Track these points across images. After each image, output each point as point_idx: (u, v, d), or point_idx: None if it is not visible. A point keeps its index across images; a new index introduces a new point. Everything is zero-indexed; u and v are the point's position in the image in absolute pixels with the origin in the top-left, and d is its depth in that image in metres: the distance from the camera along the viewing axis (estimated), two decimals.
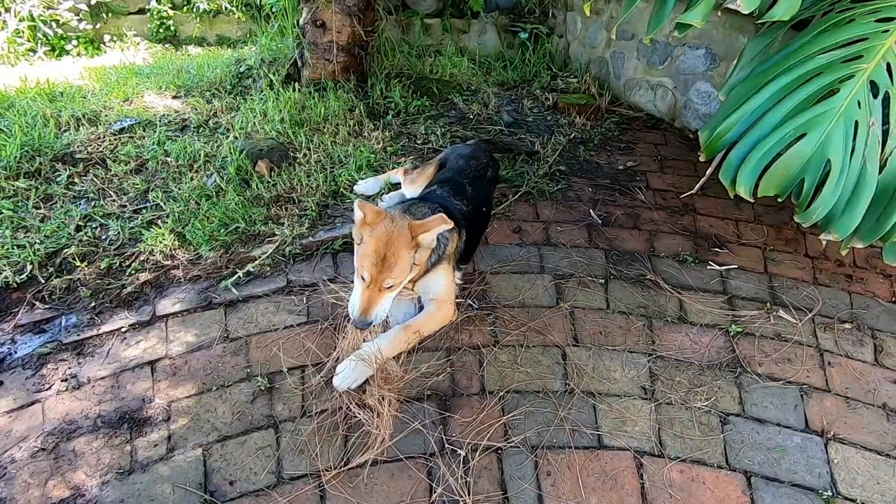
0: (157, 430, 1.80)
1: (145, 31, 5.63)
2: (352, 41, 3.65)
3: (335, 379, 1.86)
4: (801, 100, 1.52)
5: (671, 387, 1.92)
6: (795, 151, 1.50)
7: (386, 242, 1.79)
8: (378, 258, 1.77)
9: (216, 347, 2.06)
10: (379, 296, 1.80)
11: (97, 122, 3.19)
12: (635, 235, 2.66)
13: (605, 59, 4.34)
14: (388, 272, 1.77)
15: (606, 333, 2.13)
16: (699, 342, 2.09)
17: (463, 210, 2.29)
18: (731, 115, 1.61)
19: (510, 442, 1.74)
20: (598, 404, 1.86)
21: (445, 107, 3.83)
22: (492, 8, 5.56)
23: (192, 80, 3.82)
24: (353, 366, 1.87)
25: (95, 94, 3.52)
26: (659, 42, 3.75)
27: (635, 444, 1.73)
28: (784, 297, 2.29)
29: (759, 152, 1.55)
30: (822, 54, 1.54)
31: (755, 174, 1.56)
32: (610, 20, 4.24)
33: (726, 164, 1.64)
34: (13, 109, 3.15)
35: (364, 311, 1.79)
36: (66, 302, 2.26)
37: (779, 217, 2.80)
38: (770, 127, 1.53)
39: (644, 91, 3.96)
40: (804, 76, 1.53)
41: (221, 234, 2.51)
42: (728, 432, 1.77)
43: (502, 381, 1.94)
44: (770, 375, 1.96)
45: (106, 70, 4.04)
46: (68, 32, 5.24)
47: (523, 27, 5.30)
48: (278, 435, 1.78)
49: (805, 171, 1.50)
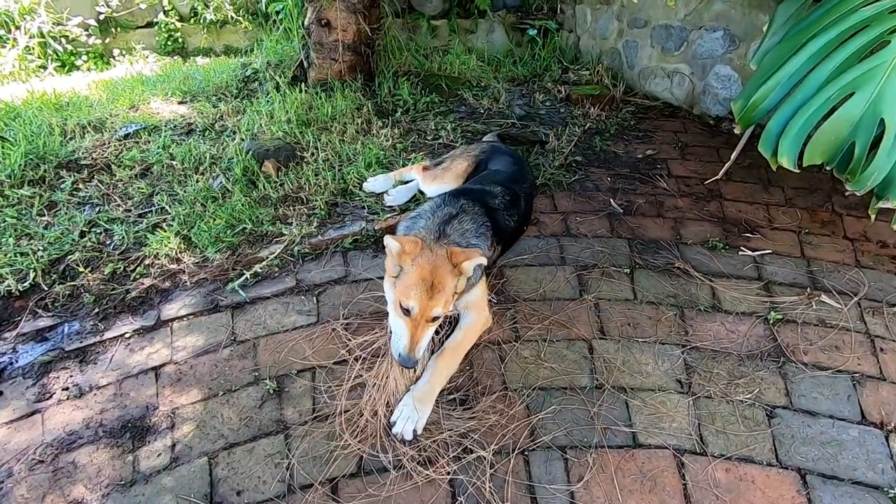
0: (161, 438, 1.70)
1: (154, 44, 5.65)
2: (358, 39, 3.57)
3: (395, 428, 1.66)
4: (847, 56, 1.38)
5: (709, 379, 1.77)
6: (843, 113, 1.36)
7: (431, 271, 1.65)
8: (426, 286, 1.63)
9: (223, 351, 1.96)
10: (424, 329, 1.66)
11: (102, 129, 3.15)
12: (659, 223, 2.52)
13: (618, 49, 4.22)
14: (436, 301, 1.63)
15: (635, 325, 1.99)
16: (736, 331, 1.94)
17: (510, 226, 2.14)
18: (767, 82, 1.48)
19: (538, 443, 1.61)
20: (630, 400, 1.72)
21: (455, 103, 3.73)
22: (499, 7, 5.48)
23: (198, 85, 3.78)
24: (410, 408, 1.68)
25: (101, 103, 3.49)
26: (674, 27, 3.62)
27: (674, 442, 1.59)
28: (825, 282, 2.13)
29: (801, 118, 1.41)
30: (867, 6, 1.40)
31: (799, 142, 1.43)
32: (621, 9, 4.12)
33: (765, 133, 1.50)
34: (19, 119, 3.12)
35: (411, 349, 1.64)
36: (70, 309, 2.18)
37: (812, 199, 2.64)
38: (813, 89, 1.40)
39: (660, 79, 3.83)
40: (847, 31, 1.40)
41: (228, 235, 2.43)
42: (776, 427, 1.62)
43: (526, 378, 1.81)
44: (817, 364, 1.81)
45: (113, 81, 4.02)
46: (78, 48, 5.26)
47: (532, 24, 5.21)
48: (288, 441, 1.67)
49: (856, 133, 1.36)
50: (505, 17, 5.41)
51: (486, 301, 1.97)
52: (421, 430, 1.66)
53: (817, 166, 2.83)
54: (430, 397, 1.72)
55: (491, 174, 2.37)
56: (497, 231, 1.98)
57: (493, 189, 2.14)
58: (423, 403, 1.70)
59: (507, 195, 2.14)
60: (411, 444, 1.63)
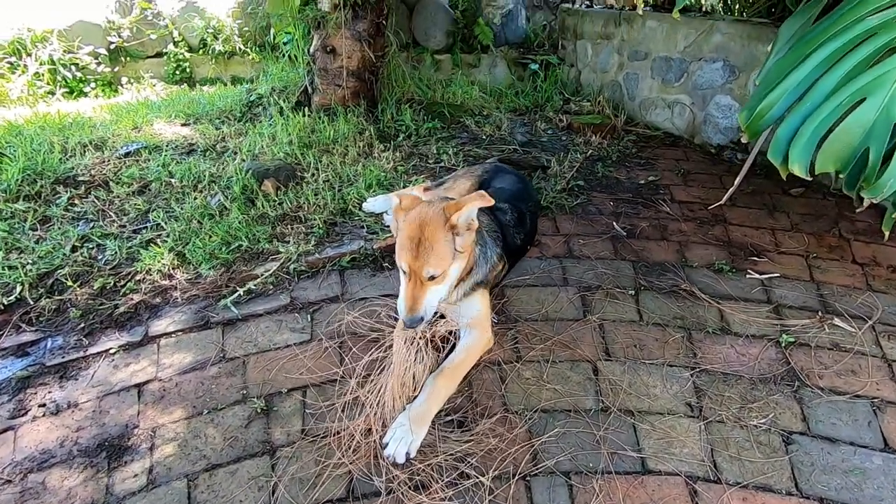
0: (139, 459, 1.60)
1: (162, 74, 5.75)
2: (362, 66, 3.62)
3: (388, 450, 1.55)
4: (856, 63, 1.36)
5: (720, 403, 1.68)
6: (855, 119, 1.33)
7: (419, 226, 1.59)
8: (413, 245, 1.57)
9: (210, 368, 1.88)
10: (423, 289, 1.59)
11: (103, 147, 3.14)
12: (664, 246, 2.47)
13: (619, 81, 4.27)
14: (424, 259, 1.56)
15: (641, 346, 1.91)
16: (747, 354, 1.86)
17: (517, 244, 2.11)
18: (773, 91, 1.46)
19: (540, 468, 1.51)
20: (638, 423, 1.62)
21: (457, 129, 3.75)
22: (501, 42, 5.60)
23: (202, 109, 3.81)
24: (405, 429, 1.57)
25: (105, 123, 3.50)
26: (674, 59, 3.67)
27: (686, 469, 1.49)
28: (837, 305, 2.06)
29: (811, 124, 1.38)
30: (873, 15, 1.39)
31: (810, 149, 1.39)
32: (621, 43, 4.20)
33: (774, 141, 1.46)
34: (20, 137, 3.12)
35: (411, 309, 1.58)
36: (55, 324, 2.11)
37: (818, 225, 2.59)
38: (822, 96, 1.37)
39: (660, 109, 3.86)
40: (855, 40, 1.39)
41: (223, 252, 2.37)
42: (794, 453, 1.52)
43: (527, 399, 1.72)
44: (833, 389, 1.72)
45: (118, 105, 4.06)
46: (87, 75, 5.35)
47: (533, 59, 5.31)
48: (274, 462, 1.56)
49: (869, 139, 1.33)
50: (507, 53, 5.51)
51: (489, 320, 1.90)
52: (415, 453, 1.56)
53: (822, 191, 2.80)
54: (427, 418, 1.63)
55: (497, 192, 2.34)
56: (506, 246, 1.93)
57: (502, 205, 2.10)
58: (418, 424, 1.60)
59: (514, 212, 2.11)
60: (404, 467, 1.53)
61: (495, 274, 1.92)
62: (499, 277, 2.00)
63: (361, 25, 3.50)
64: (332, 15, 3.42)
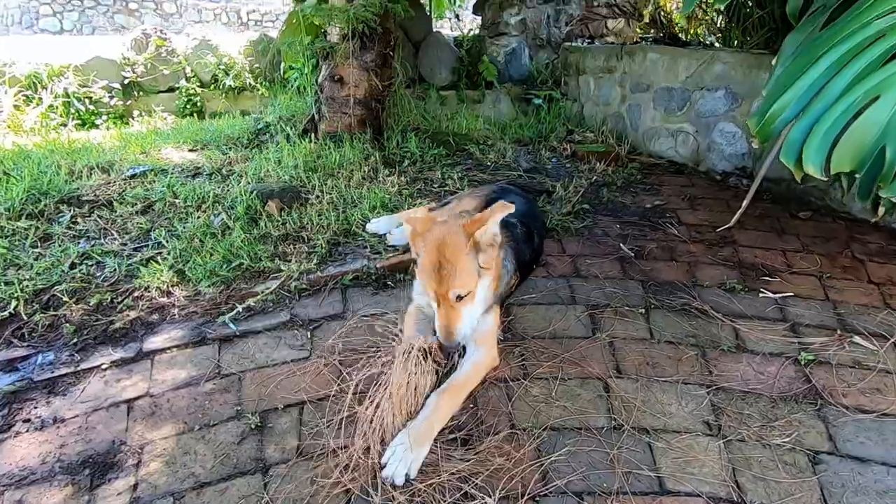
0: (124, 476, 1.51)
1: (173, 108, 5.87)
2: (369, 95, 3.68)
3: (386, 470, 1.45)
4: (868, 63, 1.35)
5: (740, 421, 1.59)
6: (870, 117, 1.31)
7: (437, 249, 1.57)
8: (435, 270, 1.55)
9: (205, 384, 1.80)
10: (456, 313, 1.58)
11: (110, 170, 3.16)
12: (673, 267, 2.42)
13: (621, 113, 4.33)
14: (449, 283, 1.54)
15: (654, 364, 1.83)
16: (765, 372, 1.78)
17: (526, 260, 2.08)
18: (784, 95, 1.45)
19: (549, 488, 1.41)
20: (653, 442, 1.53)
21: (462, 156, 3.77)
22: (505, 79, 5.73)
23: (210, 136, 3.86)
24: (404, 448, 1.48)
25: (113, 149, 3.54)
26: (676, 89, 3.72)
27: (706, 489, 1.39)
28: (855, 324, 1.98)
29: (824, 124, 1.36)
30: (880, 19, 1.39)
31: (824, 149, 1.36)
32: (623, 76, 4.27)
33: (787, 143, 1.44)
34: (29, 160, 3.14)
35: (447, 337, 1.58)
36: (47, 340, 2.05)
37: (829, 247, 2.54)
38: (834, 96, 1.36)
39: (664, 139, 3.88)
40: (864, 42, 1.38)
41: (223, 270, 2.33)
42: (822, 474, 1.42)
43: (536, 417, 1.63)
44: (859, 407, 1.62)
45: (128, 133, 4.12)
46: (100, 108, 5.47)
47: (537, 94, 5.41)
48: (267, 480, 1.47)
49: (885, 136, 1.30)
50: (511, 89, 5.63)
51: (495, 337, 1.83)
52: (415, 474, 1.46)
53: (832, 216, 2.76)
54: (429, 437, 1.54)
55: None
56: (518, 260, 1.89)
57: (513, 220, 2.07)
58: (419, 443, 1.51)
59: (524, 228, 2.08)
60: (404, 488, 1.43)
61: (509, 288, 1.87)
62: (510, 291, 1.95)
63: (369, 56, 3.58)
64: (340, 45, 3.51)
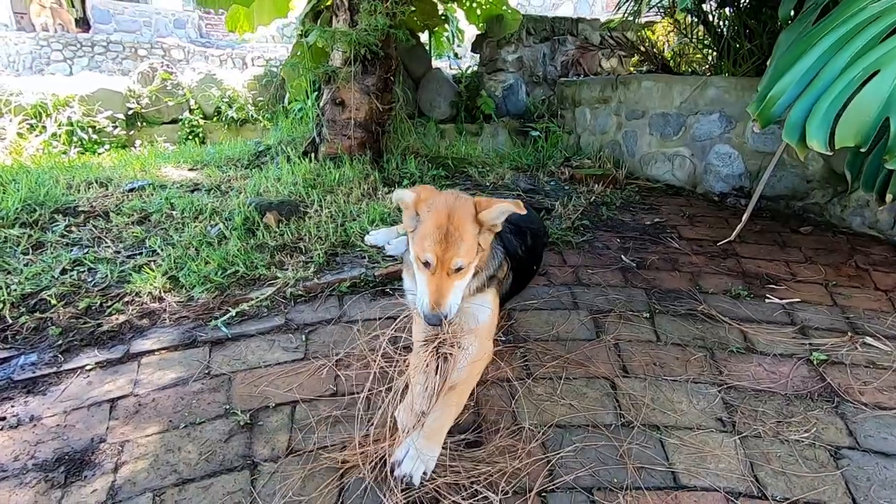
0: (101, 474, 1.41)
1: (175, 139, 5.95)
2: (370, 118, 3.74)
3: (403, 468, 1.37)
4: (866, 41, 1.36)
5: (755, 418, 1.51)
6: (871, 90, 1.31)
7: (448, 215, 1.49)
8: (441, 234, 1.47)
9: (193, 384, 1.72)
10: (449, 282, 1.47)
11: (108, 184, 3.15)
12: (676, 276, 2.38)
13: (618, 140, 4.39)
14: (454, 249, 1.46)
15: (661, 364, 1.76)
16: (777, 372, 1.71)
17: (518, 253, 2.04)
18: (783, 78, 1.46)
19: (557, 483, 1.32)
20: (665, 438, 1.45)
21: (461, 177, 3.79)
22: (503, 113, 5.85)
23: (210, 157, 3.88)
24: (419, 447, 1.40)
25: (113, 167, 3.54)
26: (671, 114, 3.79)
27: (724, 484, 1.30)
28: (866, 326, 1.93)
29: (826, 101, 1.36)
30: (875, 3, 1.42)
31: (827, 124, 1.35)
32: (619, 104, 4.37)
33: (788, 122, 1.43)
34: (28, 175, 3.14)
35: (437, 302, 1.45)
36: (31, 342, 1.97)
37: (832, 258, 2.52)
38: (834, 73, 1.36)
39: (661, 163, 3.92)
40: (861, 24, 1.40)
41: (217, 276, 2.28)
42: (846, 468, 1.34)
43: (540, 415, 1.55)
44: (878, 405, 1.55)
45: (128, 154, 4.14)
46: (102, 138, 5.54)
47: (534, 127, 5.51)
48: (254, 477, 1.38)
49: (888, 109, 1.29)
50: (508, 123, 5.74)
51: (492, 332, 1.77)
52: (430, 473, 1.37)
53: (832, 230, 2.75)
54: (440, 435, 1.44)
55: None
56: (506, 250, 1.85)
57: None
58: (432, 442, 1.42)
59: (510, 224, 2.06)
60: (418, 488, 1.33)
61: (503, 273, 1.82)
62: (505, 280, 1.89)
63: (370, 80, 3.65)
64: (342, 69, 3.58)
